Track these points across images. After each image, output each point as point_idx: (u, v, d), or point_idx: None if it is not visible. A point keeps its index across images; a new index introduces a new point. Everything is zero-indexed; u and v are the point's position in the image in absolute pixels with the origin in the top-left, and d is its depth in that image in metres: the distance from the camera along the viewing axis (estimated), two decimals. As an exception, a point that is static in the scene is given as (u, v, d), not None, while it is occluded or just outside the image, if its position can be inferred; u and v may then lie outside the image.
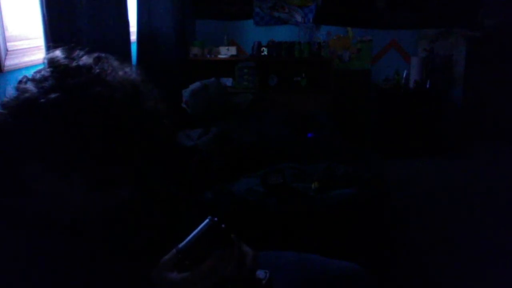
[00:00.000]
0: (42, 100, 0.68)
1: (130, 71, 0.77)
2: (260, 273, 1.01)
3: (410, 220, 2.78)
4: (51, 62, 0.73)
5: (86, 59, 0.74)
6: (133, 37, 2.93)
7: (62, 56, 0.74)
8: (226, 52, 4.21)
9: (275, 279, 1.05)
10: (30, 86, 0.70)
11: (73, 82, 0.70)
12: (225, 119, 3.37)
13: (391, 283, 2.08)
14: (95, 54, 0.76)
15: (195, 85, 3.54)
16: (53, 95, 0.68)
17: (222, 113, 3.49)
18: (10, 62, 1.71)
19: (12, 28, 1.75)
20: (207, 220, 0.73)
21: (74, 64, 0.73)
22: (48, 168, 0.70)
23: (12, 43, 1.74)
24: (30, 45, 1.87)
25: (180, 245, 0.73)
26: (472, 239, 2.53)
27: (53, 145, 0.68)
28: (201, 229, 0.73)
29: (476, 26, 4.14)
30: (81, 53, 0.76)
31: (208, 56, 4.23)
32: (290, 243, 1.75)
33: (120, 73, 0.75)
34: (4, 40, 1.69)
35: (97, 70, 0.73)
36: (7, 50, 1.71)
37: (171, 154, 2.46)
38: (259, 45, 4.22)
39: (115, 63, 0.77)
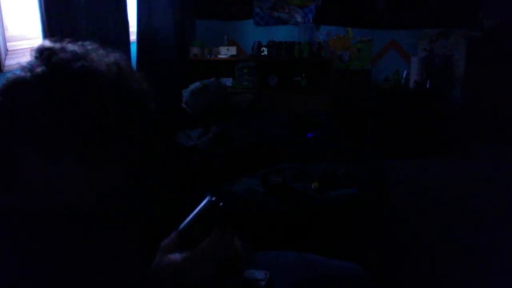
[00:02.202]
0: (27, 76, 0.70)
1: (115, 56, 0.78)
2: (260, 274, 1.01)
3: (410, 220, 2.78)
4: (37, 49, 0.75)
5: (71, 45, 0.76)
6: (133, 37, 2.93)
7: (48, 42, 0.76)
8: (226, 52, 4.21)
9: (275, 279, 1.05)
10: (17, 72, 0.73)
11: (58, 58, 0.71)
12: (225, 119, 3.38)
13: (391, 283, 2.08)
14: (80, 42, 0.78)
15: (195, 85, 3.54)
16: (37, 70, 0.70)
17: (222, 113, 3.49)
18: (10, 62, 1.71)
19: (12, 28, 1.75)
20: (205, 200, 0.74)
21: (59, 46, 0.75)
22: (38, 150, 0.70)
23: (12, 43, 1.75)
24: (30, 45, 1.87)
25: (180, 226, 0.73)
26: (472, 239, 2.53)
27: (40, 122, 0.68)
28: (200, 208, 0.74)
29: (476, 26, 4.14)
30: (67, 41, 0.78)
31: (208, 56, 4.23)
32: (290, 243, 1.75)
33: (105, 57, 0.77)
34: (4, 40, 1.70)
35: (82, 51, 0.75)
36: (7, 50, 1.71)
37: (170, 154, 2.46)
38: (259, 45, 4.22)
39: (101, 50, 0.78)
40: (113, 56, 0.78)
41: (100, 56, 0.76)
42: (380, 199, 2.20)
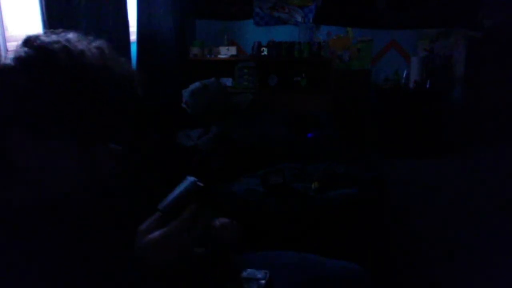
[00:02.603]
0: (12, 61, 0.71)
1: (98, 42, 0.79)
2: (260, 274, 1.01)
3: (410, 220, 2.78)
4: (22, 41, 0.76)
5: (54, 35, 0.77)
6: (133, 37, 2.93)
7: (32, 33, 0.77)
8: (226, 52, 4.21)
9: (275, 279, 1.05)
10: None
11: (40, 41, 0.73)
12: (225, 119, 3.38)
13: (391, 283, 2.08)
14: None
15: (195, 85, 3.54)
16: (21, 53, 0.71)
17: (222, 113, 3.49)
18: (10, 62, 1.71)
19: (12, 28, 1.75)
20: (186, 180, 0.75)
21: (41, 34, 0.76)
22: (28, 133, 0.70)
23: (12, 43, 1.75)
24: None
25: (161, 205, 0.74)
26: (472, 239, 2.53)
27: (26, 106, 0.68)
28: (181, 189, 0.75)
29: (476, 26, 4.14)
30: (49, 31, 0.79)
31: (208, 56, 4.23)
32: (290, 243, 1.75)
33: (88, 43, 0.78)
34: (4, 40, 1.70)
35: (65, 37, 0.76)
36: (7, 50, 1.71)
37: (170, 153, 2.46)
38: (259, 45, 4.22)
39: (83, 37, 0.79)
40: (96, 42, 0.79)
41: (83, 41, 0.77)
42: (380, 199, 2.20)
